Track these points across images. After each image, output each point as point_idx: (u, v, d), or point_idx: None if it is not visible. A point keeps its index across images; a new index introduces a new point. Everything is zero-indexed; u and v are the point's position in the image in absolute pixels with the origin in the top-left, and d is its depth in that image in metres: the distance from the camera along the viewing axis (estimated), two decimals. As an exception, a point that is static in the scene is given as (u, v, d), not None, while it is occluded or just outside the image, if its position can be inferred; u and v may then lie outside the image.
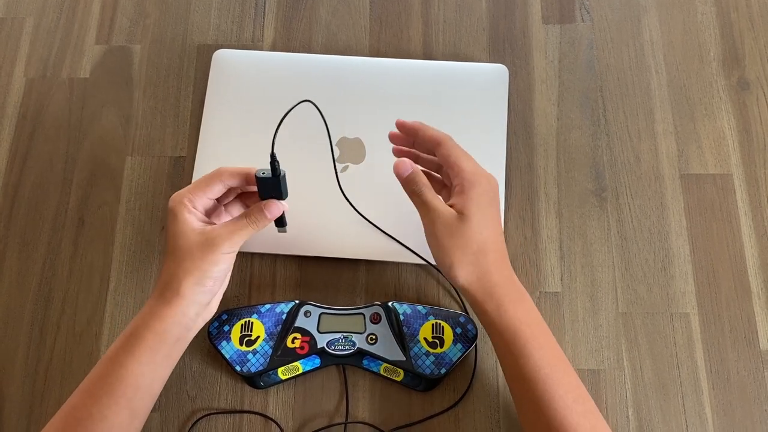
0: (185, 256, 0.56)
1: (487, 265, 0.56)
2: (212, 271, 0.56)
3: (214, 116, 0.72)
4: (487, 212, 0.56)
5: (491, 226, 0.57)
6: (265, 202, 0.58)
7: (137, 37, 0.78)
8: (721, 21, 0.76)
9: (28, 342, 0.67)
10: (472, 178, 0.56)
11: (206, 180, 0.58)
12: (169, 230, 0.57)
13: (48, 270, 0.69)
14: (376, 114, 0.71)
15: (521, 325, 0.55)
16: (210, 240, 0.56)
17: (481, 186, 0.57)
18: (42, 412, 0.64)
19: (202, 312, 0.58)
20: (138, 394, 0.55)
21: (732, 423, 0.63)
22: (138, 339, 0.55)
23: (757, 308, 0.66)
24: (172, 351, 0.57)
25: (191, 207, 0.57)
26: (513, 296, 0.56)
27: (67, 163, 0.73)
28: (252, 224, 0.57)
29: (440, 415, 0.63)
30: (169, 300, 0.55)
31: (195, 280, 0.56)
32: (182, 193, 0.58)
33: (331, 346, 0.63)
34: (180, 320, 0.56)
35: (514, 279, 0.58)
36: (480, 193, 0.56)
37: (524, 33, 0.77)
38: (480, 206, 0.56)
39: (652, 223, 0.69)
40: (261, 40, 0.77)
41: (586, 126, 0.73)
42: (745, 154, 0.71)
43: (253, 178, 0.58)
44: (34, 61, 0.77)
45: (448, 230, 0.56)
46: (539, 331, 0.56)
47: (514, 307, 0.56)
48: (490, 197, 0.57)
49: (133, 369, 0.54)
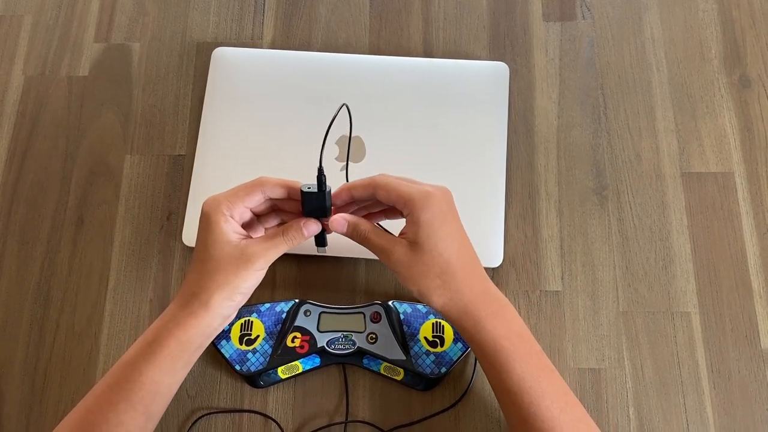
0: (218, 269, 0.54)
1: (456, 284, 0.54)
2: (243, 286, 0.55)
3: (214, 114, 0.72)
4: (443, 231, 0.54)
5: (451, 243, 0.55)
6: (305, 220, 0.56)
7: (136, 35, 0.78)
8: (723, 18, 0.76)
9: (28, 341, 0.67)
10: (418, 203, 0.54)
11: (246, 188, 0.56)
12: (203, 237, 0.55)
13: (47, 269, 0.69)
14: (377, 112, 0.71)
15: (500, 340, 0.54)
16: (246, 256, 0.54)
17: (431, 207, 0.54)
18: (41, 412, 0.64)
19: (224, 322, 0.57)
20: (156, 399, 0.55)
21: (733, 422, 0.63)
22: (160, 347, 0.54)
23: (759, 307, 0.66)
24: (192, 358, 0.57)
25: (228, 216, 0.55)
26: (490, 310, 0.55)
27: (66, 162, 0.73)
28: (288, 242, 0.56)
29: (440, 414, 0.63)
30: (195, 311, 0.54)
31: (226, 294, 0.54)
32: (220, 199, 0.55)
33: (331, 346, 0.62)
34: (204, 331, 0.55)
35: (490, 290, 0.56)
36: (431, 215, 0.54)
37: (525, 31, 0.76)
38: (433, 228, 0.54)
39: (653, 222, 0.69)
40: (260, 37, 0.77)
41: (586, 124, 0.73)
42: (746, 153, 0.71)
43: (295, 191, 0.56)
44: (32, 59, 0.77)
45: (405, 262, 0.54)
46: (520, 342, 0.54)
47: (492, 322, 0.54)
48: (443, 214, 0.55)
49: (153, 376, 0.54)
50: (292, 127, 0.71)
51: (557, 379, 0.55)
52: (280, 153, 0.70)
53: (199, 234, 0.56)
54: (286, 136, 0.70)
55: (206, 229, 0.55)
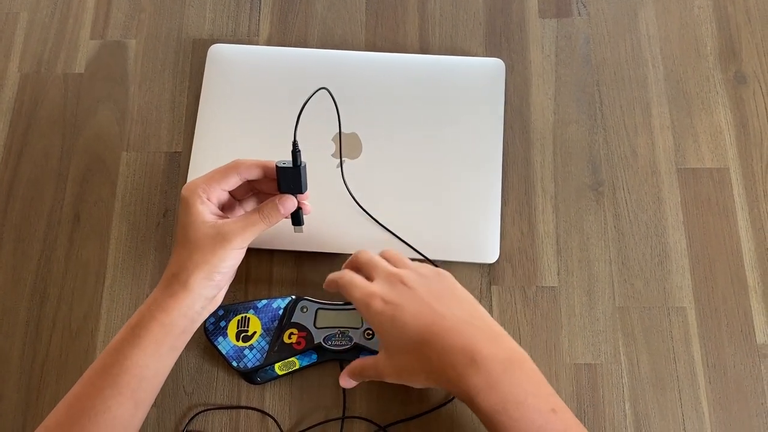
0: (195, 249, 0.55)
1: (436, 367, 0.52)
2: (221, 266, 0.56)
3: (210, 111, 0.72)
4: (396, 322, 0.53)
5: (411, 327, 0.52)
6: (279, 196, 0.57)
7: (132, 32, 0.78)
8: (718, 15, 0.76)
9: (24, 339, 0.67)
10: (365, 306, 0.55)
11: (222, 171, 0.58)
12: (181, 220, 0.57)
13: (43, 266, 0.69)
14: (373, 109, 0.71)
15: (495, 414, 0.50)
16: (221, 234, 0.55)
17: (372, 304, 0.54)
18: (38, 410, 0.64)
19: (207, 305, 0.58)
20: (142, 385, 0.54)
21: (729, 416, 0.63)
22: (143, 330, 0.55)
23: (754, 302, 0.66)
24: (177, 342, 0.57)
25: (205, 198, 0.56)
26: (481, 384, 0.50)
27: (62, 159, 0.73)
28: (265, 219, 0.56)
29: (437, 409, 0.63)
30: (176, 292, 0.55)
31: (204, 274, 0.55)
32: (196, 182, 0.57)
33: (327, 342, 0.62)
34: (186, 313, 0.56)
35: (480, 359, 0.51)
36: (374, 312, 0.54)
37: (521, 27, 0.76)
38: (383, 325, 0.54)
39: (648, 218, 0.69)
40: (257, 34, 0.77)
41: (582, 120, 0.73)
42: (741, 149, 0.71)
43: (271, 170, 0.57)
44: (28, 57, 0.77)
45: (391, 371, 0.55)
46: (521, 413, 0.50)
47: (484, 397, 0.50)
48: (389, 300, 0.54)
49: (138, 360, 0.54)
50: (288, 123, 0.70)
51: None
52: (276, 149, 0.69)
53: (178, 218, 0.58)
54: (281, 132, 0.70)
55: (184, 212, 0.56)
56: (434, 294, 0.55)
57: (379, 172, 0.69)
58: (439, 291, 0.55)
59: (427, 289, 0.55)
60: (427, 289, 0.55)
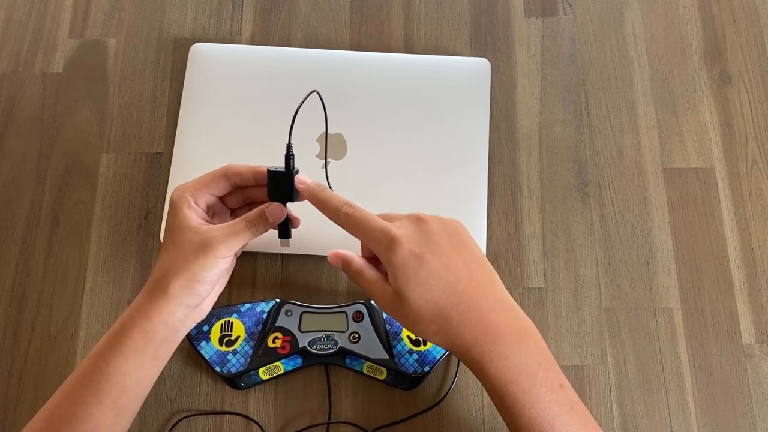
0: (178, 255, 0.53)
1: (452, 329, 0.50)
2: (202, 274, 0.53)
3: (192, 112, 0.71)
4: (420, 275, 0.50)
5: (435, 285, 0.50)
6: (267, 204, 0.55)
7: (112, 31, 0.76)
8: (703, 14, 0.76)
9: (2, 345, 0.65)
10: (384, 252, 0.51)
11: (211, 175, 0.56)
12: (168, 223, 0.56)
13: (22, 270, 0.67)
14: (358, 109, 0.70)
15: (507, 385, 0.49)
16: (204, 241, 0.53)
17: (397, 253, 0.50)
18: (16, 417, 0.63)
19: (191, 314, 0.55)
20: (124, 393, 0.53)
21: (715, 417, 0.63)
22: (124, 337, 0.53)
23: (740, 302, 0.66)
24: (160, 351, 0.55)
25: (192, 202, 0.55)
26: (495, 351, 0.50)
27: (40, 161, 0.71)
28: (251, 227, 0.54)
29: (424, 413, 0.63)
30: (156, 299, 0.53)
31: (184, 281, 0.53)
32: (186, 186, 0.56)
33: (313, 346, 0.62)
34: (167, 320, 0.54)
35: (498, 326, 0.50)
36: (401, 261, 0.50)
37: (506, 26, 0.76)
38: (407, 274, 0.50)
39: (635, 218, 0.69)
40: (239, 33, 0.76)
41: (568, 120, 0.72)
42: (727, 148, 0.71)
43: (262, 175, 0.55)
44: (5, 56, 0.75)
45: (394, 309, 0.52)
46: (532, 384, 0.49)
47: (497, 365, 0.50)
48: (415, 256, 0.50)
49: (119, 367, 0.53)
50: (272, 124, 0.70)
51: (578, 416, 0.50)
52: (260, 150, 0.69)
53: (166, 221, 0.57)
54: (265, 133, 0.69)
55: (171, 215, 0.55)
56: (456, 248, 0.52)
57: (364, 173, 0.68)
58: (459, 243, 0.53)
59: (450, 242, 0.52)
60: (450, 243, 0.52)
